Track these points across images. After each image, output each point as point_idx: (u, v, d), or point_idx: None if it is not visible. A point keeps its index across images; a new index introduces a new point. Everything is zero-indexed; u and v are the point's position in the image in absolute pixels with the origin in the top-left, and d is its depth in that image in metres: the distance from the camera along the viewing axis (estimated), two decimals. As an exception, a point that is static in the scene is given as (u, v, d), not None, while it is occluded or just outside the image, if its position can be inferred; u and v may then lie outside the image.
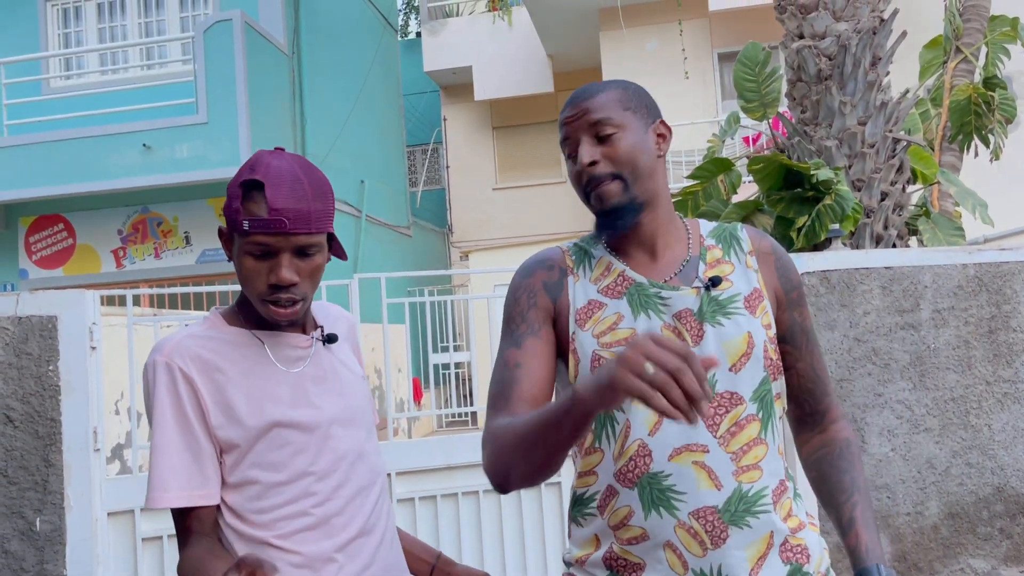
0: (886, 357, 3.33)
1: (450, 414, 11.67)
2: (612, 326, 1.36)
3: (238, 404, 1.40)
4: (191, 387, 1.39)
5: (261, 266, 1.39)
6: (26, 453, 2.90)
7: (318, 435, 1.44)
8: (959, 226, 5.00)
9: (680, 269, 1.41)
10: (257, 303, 1.42)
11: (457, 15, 15.11)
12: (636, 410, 1.33)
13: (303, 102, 9.98)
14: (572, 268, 1.44)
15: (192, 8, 10.04)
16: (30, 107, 9.51)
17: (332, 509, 1.43)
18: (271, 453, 1.41)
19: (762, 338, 1.37)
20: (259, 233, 1.36)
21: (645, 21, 12.02)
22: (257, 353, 1.45)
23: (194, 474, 1.38)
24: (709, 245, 1.44)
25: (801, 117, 5.06)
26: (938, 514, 3.32)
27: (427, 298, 3.82)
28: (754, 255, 1.44)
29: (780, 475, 1.36)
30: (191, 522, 1.39)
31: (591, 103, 1.38)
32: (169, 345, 1.42)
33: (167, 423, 1.38)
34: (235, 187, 1.39)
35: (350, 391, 1.53)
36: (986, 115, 5.62)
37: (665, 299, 1.37)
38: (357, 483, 1.48)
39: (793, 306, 1.45)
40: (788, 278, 1.46)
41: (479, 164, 15.48)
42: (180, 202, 9.42)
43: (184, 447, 1.38)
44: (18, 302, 2.93)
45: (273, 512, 1.40)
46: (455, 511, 3.43)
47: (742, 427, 1.33)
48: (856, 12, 4.91)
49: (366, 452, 1.51)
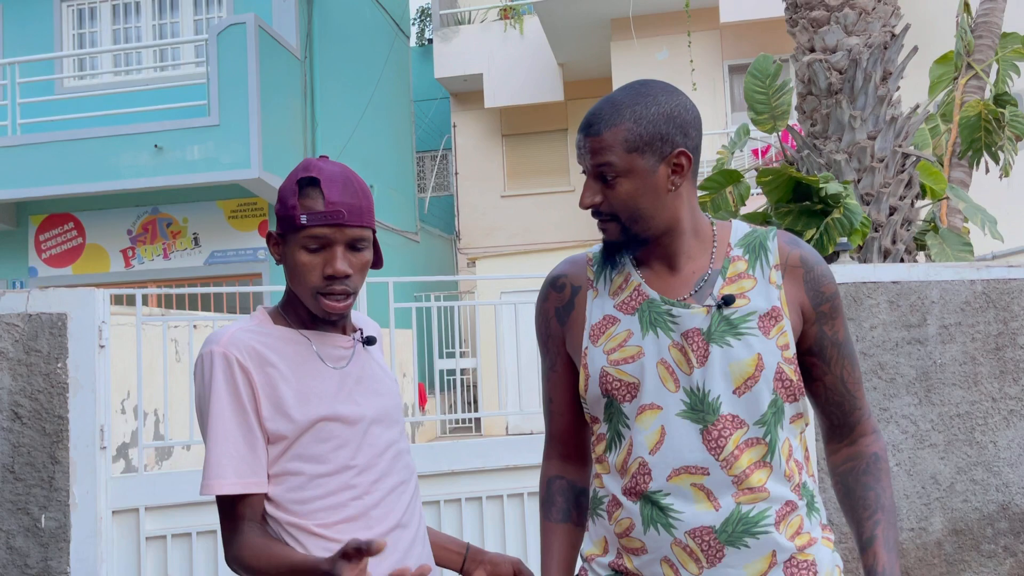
0: (892, 372, 3.33)
1: (455, 420, 11.67)
2: (622, 343, 1.37)
3: (287, 398, 1.45)
4: (247, 377, 1.44)
5: (316, 260, 1.45)
6: (33, 450, 2.91)
7: (359, 430, 1.49)
8: (967, 242, 4.99)
9: (699, 284, 1.38)
10: (309, 298, 1.47)
11: (469, 23, 15.16)
12: (639, 428, 1.34)
13: (315, 106, 10.03)
14: (592, 281, 1.44)
15: (206, 11, 10.10)
16: (43, 106, 9.58)
17: (370, 502, 1.48)
18: (315, 446, 1.45)
19: (775, 360, 1.33)
20: (317, 226, 1.43)
21: (656, 32, 12.05)
22: (305, 350, 1.50)
23: (250, 462, 1.43)
24: (734, 256, 1.40)
25: (811, 130, 5.06)
26: (942, 530, 3.30)
27: (434, 303, 3.83)
28: (780, 268, 1.39)
29: (787, 495, 1.34)
30: (244, 509, 1.43)
31: (596, 143, 1.33)
32: (225, 337, 1.46)
33: (224, 412, 1.43)
34: (291, 186, 1.47)
35: (386, 391, 1.59)
36: (996, 132, 5.61)
37: (675, 317, 1.35)
38: (396, 478, 1.53)
39: (823, 319, 1.41)
40: (818, 291, 1.41)
41: (488, 171, 15.51)
42: (190, 203, 9.46)
43: (240, 436, 1.43)
44: (28, 299, 2.95)
45: (313, 503, 1.44)
46: (458, 517, 3.43)
47: (743, 450, 1.32)
48: (867, 27, 4.91)
49: (402, 450, 1.57)
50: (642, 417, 1.34)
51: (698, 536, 1.29)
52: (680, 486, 1.31)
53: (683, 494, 1.30)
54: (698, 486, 1.30)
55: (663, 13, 11.95)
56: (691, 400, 1.32)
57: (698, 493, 1.30)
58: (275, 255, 1.52)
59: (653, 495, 1.32)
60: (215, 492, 1.41)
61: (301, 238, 1.45)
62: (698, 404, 1.32)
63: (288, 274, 1.50)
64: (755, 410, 1.32)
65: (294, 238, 1.46)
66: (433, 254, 14.45)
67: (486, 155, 15.57)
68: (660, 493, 1.31)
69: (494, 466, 3.46)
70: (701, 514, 1.29)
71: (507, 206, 15.33)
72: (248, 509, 1.43)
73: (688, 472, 1.31)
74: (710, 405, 1.32)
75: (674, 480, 1.31)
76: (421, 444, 3.68)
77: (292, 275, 1.48)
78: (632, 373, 1.35)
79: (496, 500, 3.48)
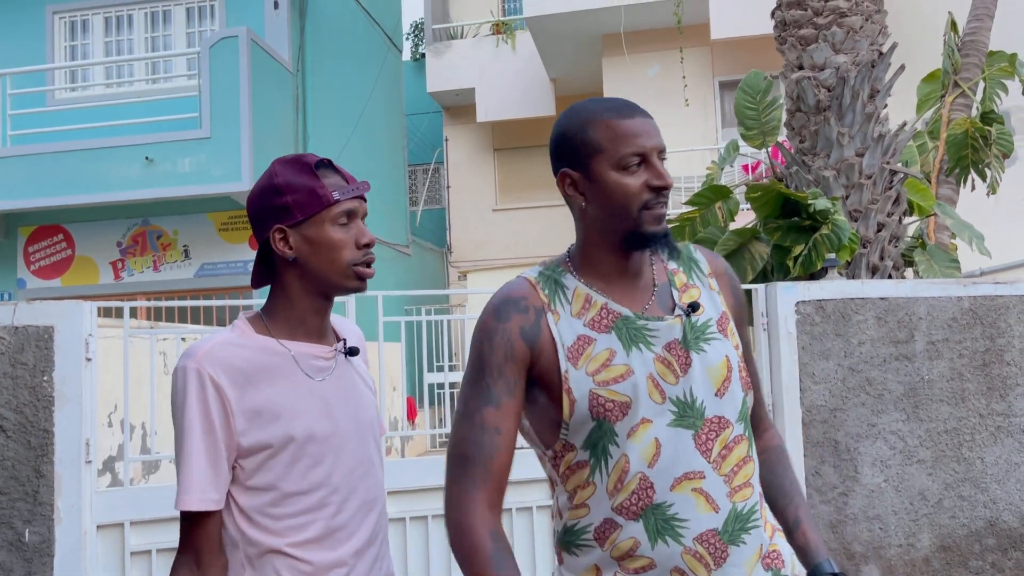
0: (880, 387, 3.34)
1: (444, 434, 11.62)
2: (606, 363, 1.35)
3: (264, 412, 1.45)
4: (219, 395, 1.43)
5: (348, 235, 1.50)
6: (17, 463, 2.89)
7: (334, 447, 1.49)
8: (955, 258, 5.02)
9: (653, 297, 1.42)
10: (344, 274, 1.51)
11: (462, 37, 15.23)
12: (632, 444, 1.33)
13: (306, 119, 10.04)
14: (548, 304, 1.40)
15: (199, 24, 10.11)
16: (34, 118, 9.55)
17: (339, 522, 1.48)
18: (292, 463, 1.45)
19: (736, 360, 1.42)
20: (349, 199, 1.50)
21: (647, 48, 12.12)
22: (285, 363, 1.50)
23: (211, 480, 1.43)
24: (673, 269, 1.46)
25: (800, 147, 5.09)
26: (930, 546, 3.31)
27: (424, 317, 3.82)
28: (714, 277, 1.48)
29: (759, 487, 1.41)
30: (196, 532, 1.44)
31: (655, 127, 1.38)
32: (201, 351, 1.45)
33: (194, 429, 1.43)
34: (304, 173, 1.49)
35: (364, 404, 1.58)
36: (983, 149, 5.66)
37: (653, 331, 1.38)
38: (364, 496, 1.53)
39: (741, 323, 1.50)
40: (739, 297, 1.51)
41: (479, 185, 15.53)
42: (181, 215, 9.44)
43: (204, 453, 1.43)
44: (15, 311, 2.93)
45: (286, 520, 1.45)
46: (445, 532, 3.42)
47: (731, 448, 1.36)
48: (855, 45, 4.96)
49: (374, 466, 1.57)
50: (635, 434, 1.34)
51: (706, 540, 1.32)
52: (682, 494, 1.32)
53: (686, 501, 1.32)
54: (698, 490, 1.33)
55: (654, 29, 12.02)
56: (679, 408, 1.35)
57: (699, 497, 1.33)
58: (284, 249, 1.50)
59: (658, 507, 1.32)
60: (182, 507, 1.44)
61: (334, 215, 1.48)
62: (687, 411, 1.35)
63: (314, 259, 1.49)
64: (733, 409, 1.38)
65: (322, 218, 1.48)
66: (424, 267, 14.45)
67: (478, 169, 15.60)
68: (665, 504, 1.32)
69: (483, 481, 3.45)
70: (704, 518, 1.32)
71: (498, 220, 15.35)
72: (203, 531, 1.43)
73: (688, 478, 1.33)
74: (697, 410, 1.35)
75: (676, 489, 1.32)
76: (410, 458, 3.67)
77: (324, 256, 1.49)
78: (624, 392, 1.34)
79: (484, 515, 3.46)
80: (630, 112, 1.37)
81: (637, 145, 1.34)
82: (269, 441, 1.44)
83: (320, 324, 1.55)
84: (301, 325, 1.52)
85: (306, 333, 1.53)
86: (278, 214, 1.49)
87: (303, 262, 1.49)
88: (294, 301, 1.52)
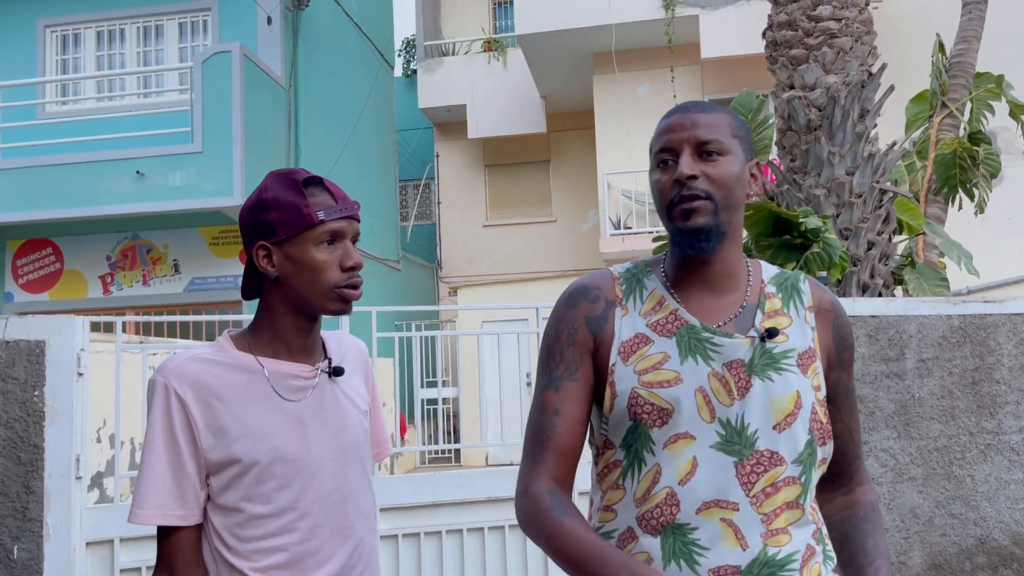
0: (871, 405, 3.35)
1: (435, 451, 11.59)
2: (656, 364, 1.32)
3: (231, 430, 1.42)
4: (184, 410, 1.41)
5: (332, 256, 1.46)
6: (7, 479, 2.86)
7: (305, 472, 1.45)
8: (944, 277, 5.06)
9: (736, 315, 1.36)
10: (326, 296, 1.46)
11: (453, 54, 15.30)
12: (669, 456, 1.29)
13: (298, 135, 10.05)
14: (621, 299, 1.39)
15: (191, 39, 10.13)
16: (25, 131, 9.53)
17: (309, 548, 1.43)
18: (257, 484, 1.42)
19: (811, 399, 1.32)
20: (335, 219, 1.45)
21: (638, 66, 12.21)
22: (258, 381, 1.46)
23: (174, 495, 1.41)
24: (769, 293, 1.40)
25: (791, 165, 5.14)
26: (921, 564, 3.31)
27: (415, 333, 3.82)
28: (813, 311, 1.40)
29: (809, 539, 1.31)
30: (169, 546, 1.43)
31: (705, 118, 1.35)
32: (171, 365, 1.44)
33: (156, 443, 1.42)
34: (291, 190, 1.45)
35: (348, 426, 1.53)
36: (971, 169, 5.72)
37: (717, 346, 1.32)
38: (340, 522, 1.47)
39: (843, 366, 1.43)
40: (843, 337, 1.42)
41: (470, 201, 15.56)
42: (171, 230, 9.41)
43: (167, 468, 1.41)
44: (6, 326, 2.92)
45: (252, 543, 1.41)
46: (438, 549, 3.40)
47: (778, 488, 1.28)
48: (845, 65, 5.01)
49: (352, 491, 1.51)
50: (674, 446, 1.29)
51: (723, 575, 1.24)
52: (709, 520, 1.26)
53: (711, 529, 1.26)
54: (727, 521, 1.26)
55: (645, 48, 12.12)
56: (726, 432, 1.29)
57: (726, 529, 1.26)
58: (267, 267, 1.47)
59: (680, 528, 1.27)
60: (133, 521, 1.42)
61: (318, 235, 1.44)
62: (734, 437, 1.28)
63: (296, 279, 1.45)
64: (793, 448, 1.29)
65: (306, 238, 1.44)
66: (415, 283, 14.43)
67: (469, 185, 15.63)
68: (688, 526, 1.26)
69: (475, 498, 3.44)
70: (727, 553, 1.25)
71: (489, 236, 15.37)
72: (173, 546, 1.43)
73: (719, 506, 1.26)
74: (747, 439, 1.28)
75: (703, 513, 1.26)
76: (400, 475, 3.65)
77: (306, 277, 1.45)
78: (667, 398, 1.30)
79: (477, 532, 3.45)
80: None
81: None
82: (233, 459, 1.41)
83: (304, 343, 1.50)
84: (283, 344, 1.49)
85: (288, 352, 1.49)
86: (262, 231, 1.46)
87: (285, 281, 1.46)
88: (277, 319, 1.49)
